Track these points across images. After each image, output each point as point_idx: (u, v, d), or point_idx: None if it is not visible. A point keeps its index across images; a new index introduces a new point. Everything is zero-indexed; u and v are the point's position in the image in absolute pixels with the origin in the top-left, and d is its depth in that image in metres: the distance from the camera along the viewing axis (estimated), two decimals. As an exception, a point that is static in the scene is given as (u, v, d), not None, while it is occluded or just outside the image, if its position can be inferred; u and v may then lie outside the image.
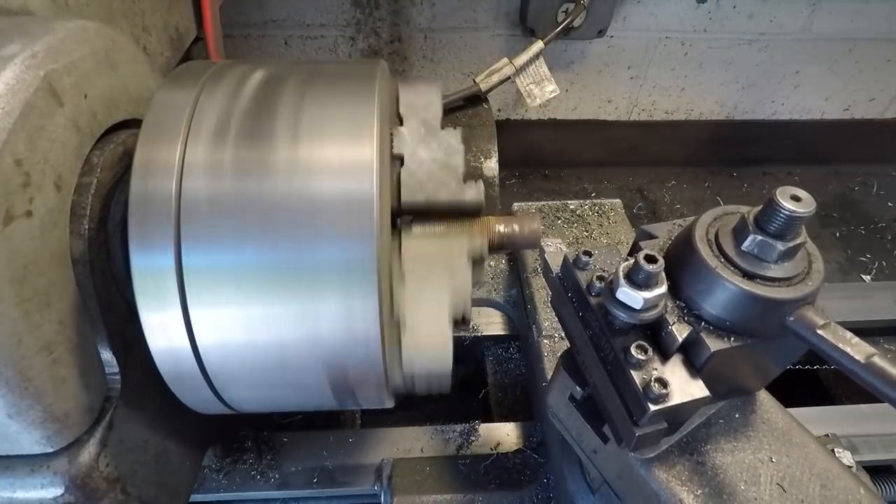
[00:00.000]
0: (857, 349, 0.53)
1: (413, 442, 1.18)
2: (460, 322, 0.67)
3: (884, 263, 2.19)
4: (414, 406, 1.47)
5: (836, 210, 2.39)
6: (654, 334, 0.62)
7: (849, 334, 0.55)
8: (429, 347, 0.66)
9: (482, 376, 1.46)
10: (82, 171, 0.66)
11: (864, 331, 1.48)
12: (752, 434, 0.73)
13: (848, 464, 0.83)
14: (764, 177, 2.51)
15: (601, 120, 2.36)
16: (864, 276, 2.14)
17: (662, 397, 0.57)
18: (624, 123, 2.38)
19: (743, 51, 2.17)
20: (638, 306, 0.58)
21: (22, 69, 0.57)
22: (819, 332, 0.56)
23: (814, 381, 1.57)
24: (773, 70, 2.25)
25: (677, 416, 0.62)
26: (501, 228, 0.75)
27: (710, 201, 2.41)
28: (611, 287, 0.60)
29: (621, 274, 0.59)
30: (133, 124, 0.76)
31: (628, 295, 0.58)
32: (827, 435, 0.90)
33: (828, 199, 2.44)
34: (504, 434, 1.21)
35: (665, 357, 0.61)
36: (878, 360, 0.51)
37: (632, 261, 0.59)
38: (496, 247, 0.75)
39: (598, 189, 2.44)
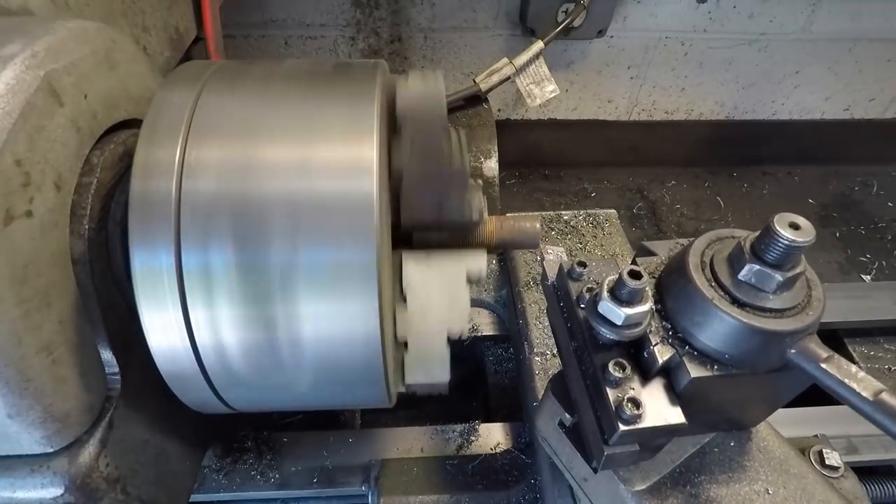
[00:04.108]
0: (864, 385, 0.50)
1: (413, 442, 1.18)
2: (455, 339, 0.69)
3: (884, 263, 2.19)
4: (414, 406, 1.47)
5: (836, 210, 2.39)
6: (637, 353, 0.61)
7: (854, 368, 0.52)
8: (429, 366, 0.68)
9: (482, 376, 1.46)
10: (82, 171, 0.66)
11: (864, 331, 1.48)
12: (748, 464, 0.71)
13: (836, 464, 0.83)
14: (764, 177, 2.51)
15: (601, 120, 2.36)
16: (864, 276, 2.14)
17: (634, 418, 0.55)
18: (624, 123, 2.38)
19: (743, 51, 2.17)
20: (619, 322, 0.57)
21: (22, 69, 0.57)
22: (823, 365, 0.53)
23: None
24: (773, 70, 2.25)
25: (652, 439, 0.60)
26: (501, 229, 0.75)
27: (710, 201, 2.41)
28: (595, 300, 0.59)
29: (605, 288, 0.58)
30: (133, 124, 0.76)
31: (610, 309, 0.57)
32: (816, 436, 0.89)
33: (828, 199, 2.44)
34: (504, 434, 1.21)
35: (646, 378, 0.59)
36: (886, 397, 0.49)
37: (616, 276, 0.57)
38: (496, 247, 0.75)
39: (598, 189, 2.44)
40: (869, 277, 2.14)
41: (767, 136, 2.46)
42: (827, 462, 0.83)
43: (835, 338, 1.48)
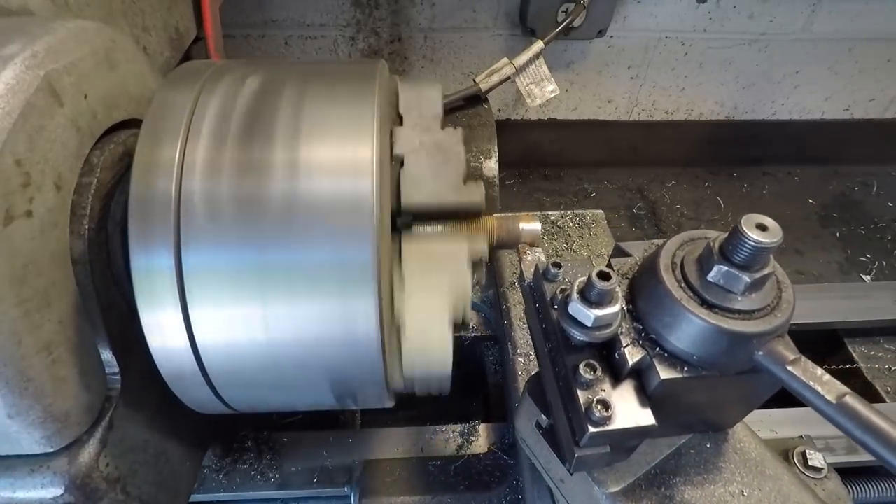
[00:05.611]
0: (829, 388, 0.50)
1: (413, 442, 1.18)
2: (460, 324, 0.67)
3: (884, 263, 2.19)
4: (414, 406, 1.47)
5: (836, 210, 2.39)
6: (609, 355, 0.61)
7: (819, 371, 0.52)
8: (429, 351, 0.66)
9: (482, 376, 1.46)
10: (82, 171, 0.66)
11: (864, 331, 1.48)
12: (724, 465, 0.70)
13: (819, 465, 0.82)
14: (764, 177, 2.51)
15: (601, 120, 2.36)
16: (864, 276, 2.14)
17: (604, 420, 0.55)
18: (624, 123, 2.38)
19: (743, 51, 2.17)
20: (589, 323, 0.57)
21: (22, 69, 0.57)
22: (789, 367, 0.53)
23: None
24: (773, 70, 2.25)
25: (623, 440, 0.60)
26: (501, 228, 0.75)
27: (710, 201, 2.41)
28: (566, 301, 0.59)
29: (575, 289, 0.58)
30: (133, 124, 0.76)
31: (580, 311, 0.57)
32: (801, 436, 0.89)
33: (828, 199, 2.44)
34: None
35: (617, 380, 0.59)
36: (850, 401, 0.49)
37: (586, 277, 0.58)
38: (496, 246, 0.75)
39: (598, 189, 2.44)
40: (869, 277, 2.14)
41: (767, 136, 2.46)
42: (810, 463, 0.83)
43: (835, 338, 1.48)
